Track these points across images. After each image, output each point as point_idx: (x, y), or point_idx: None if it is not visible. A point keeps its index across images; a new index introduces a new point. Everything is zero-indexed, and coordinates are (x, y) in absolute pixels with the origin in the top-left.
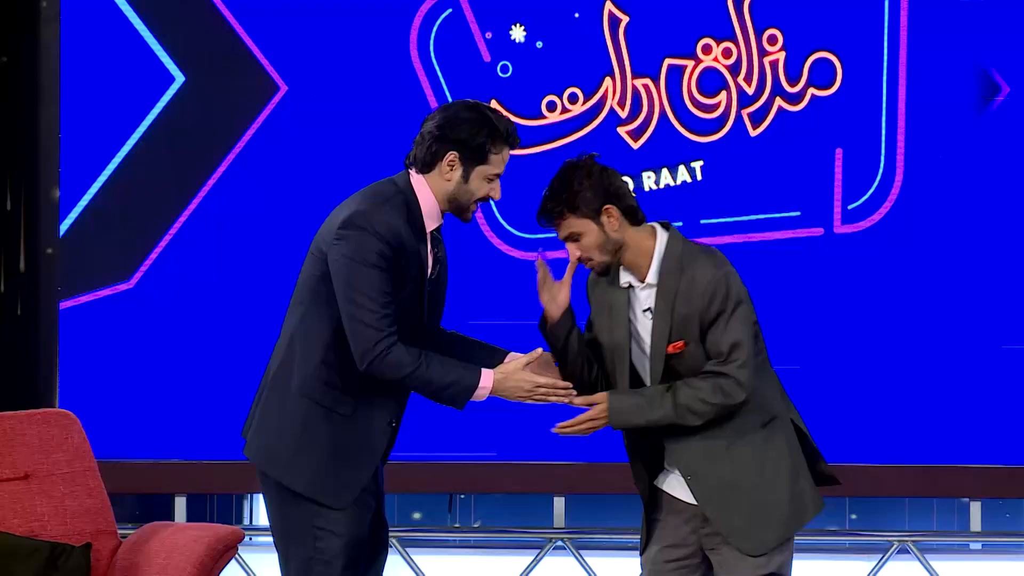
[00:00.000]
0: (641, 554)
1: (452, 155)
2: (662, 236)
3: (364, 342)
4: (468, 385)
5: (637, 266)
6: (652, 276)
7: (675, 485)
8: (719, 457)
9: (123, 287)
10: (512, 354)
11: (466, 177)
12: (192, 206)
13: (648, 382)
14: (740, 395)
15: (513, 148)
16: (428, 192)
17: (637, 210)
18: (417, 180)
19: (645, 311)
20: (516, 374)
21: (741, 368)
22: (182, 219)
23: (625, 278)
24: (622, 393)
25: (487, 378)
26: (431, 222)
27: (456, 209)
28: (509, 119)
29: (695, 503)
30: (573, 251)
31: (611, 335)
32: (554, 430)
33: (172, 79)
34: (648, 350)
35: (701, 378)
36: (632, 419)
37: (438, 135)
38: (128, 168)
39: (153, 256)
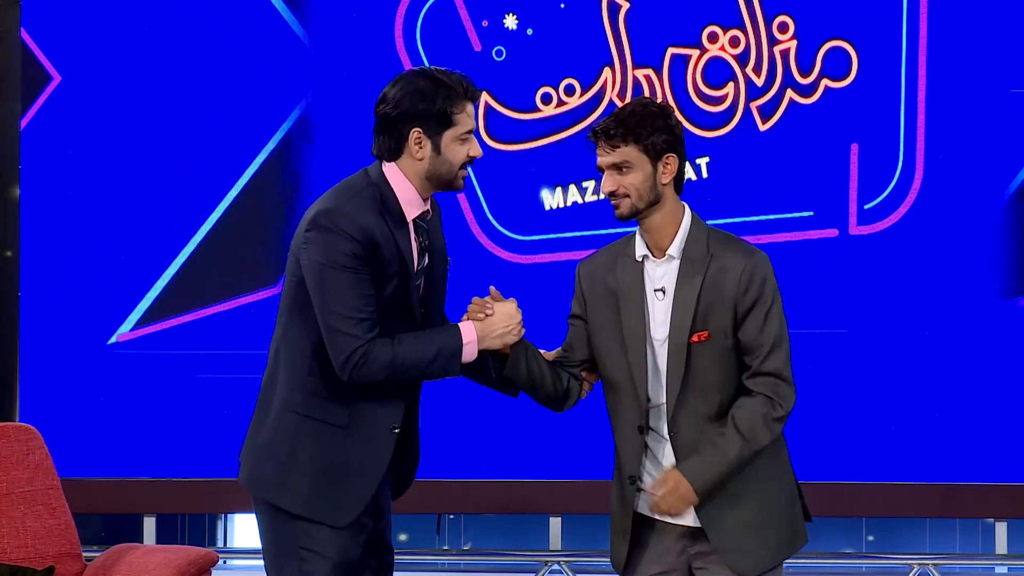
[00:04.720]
0: None
1: (416, 132)
2: (688, 214)
3: (341, 352)
4: (453, 349)
5: (661, 233)
6: (675, 249)
7: None
8: None
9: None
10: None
11: (437, 148)
12: None
13: (663, 375)
14: (792, 397)
15: (475, 100)
16: (402, 179)
17: (683, 179)
18: (389, 169)
19: (657, 291)
20: (497, 313)
21: (787, 366)
22: None
23: (641, 250)
24: (686, 460)
25: (469, 332)
26: (412, 209)
27: (442, 184)
28: (460, 73)
29: (683, 523)
30: (610, 182)
31: (624, 321)
32: (647, 489)
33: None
34: (666, 339)
35: (750, 397)
36: (712, 475)
37: (395, 116)
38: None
39: None
